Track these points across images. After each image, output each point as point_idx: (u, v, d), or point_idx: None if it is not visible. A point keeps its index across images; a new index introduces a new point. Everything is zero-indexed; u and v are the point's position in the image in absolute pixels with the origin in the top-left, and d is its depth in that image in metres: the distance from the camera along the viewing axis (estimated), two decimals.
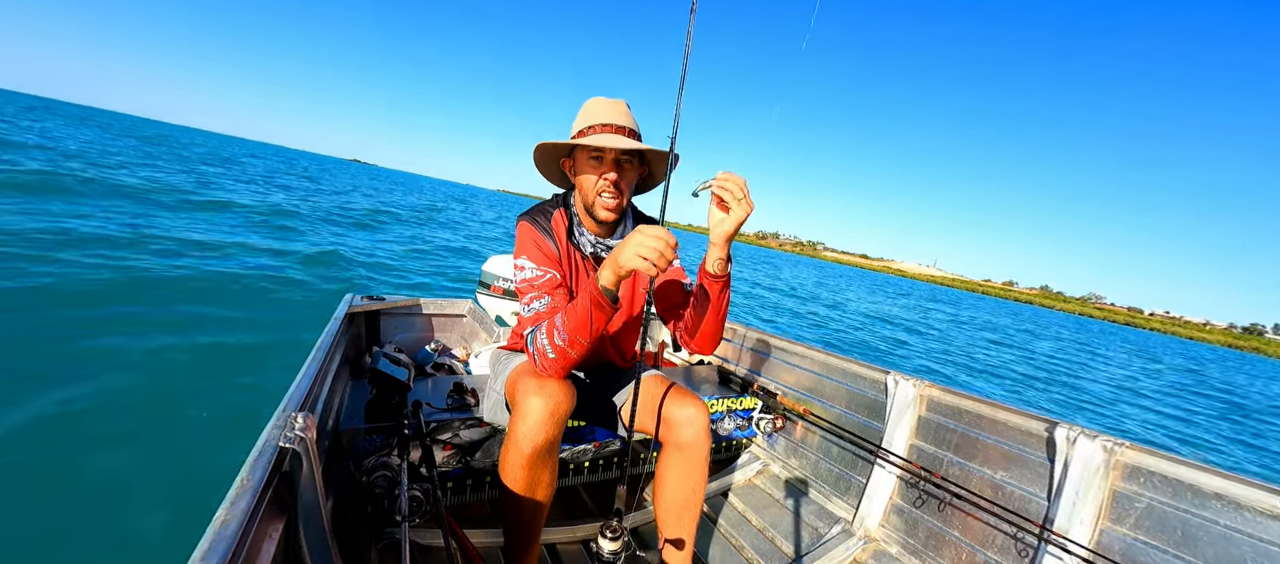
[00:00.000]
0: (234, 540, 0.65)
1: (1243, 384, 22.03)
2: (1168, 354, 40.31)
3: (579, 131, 1.31)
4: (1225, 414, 11.93)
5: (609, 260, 1.10)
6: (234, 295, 5.45)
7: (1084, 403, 10.01)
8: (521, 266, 1.34)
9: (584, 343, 1.16)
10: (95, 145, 21.35)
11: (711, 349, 1.39)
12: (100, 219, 7.54)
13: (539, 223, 1.38)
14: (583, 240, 1.41)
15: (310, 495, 0.95)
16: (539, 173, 1.49)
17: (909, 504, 1.85)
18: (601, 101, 1.33)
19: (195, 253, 6.78)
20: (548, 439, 1.16)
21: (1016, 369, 12.82)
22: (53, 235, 6.05)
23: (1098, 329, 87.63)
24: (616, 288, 1.12)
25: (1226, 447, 8.33)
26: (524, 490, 1.20)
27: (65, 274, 4.79)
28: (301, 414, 0.94)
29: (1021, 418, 1.63)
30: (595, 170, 1.30)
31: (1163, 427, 9.01)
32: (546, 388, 1.17)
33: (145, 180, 12.82)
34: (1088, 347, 28.14)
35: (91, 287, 4.69)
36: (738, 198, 1.07)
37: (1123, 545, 1.36)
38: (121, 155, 19.04)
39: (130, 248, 6.28)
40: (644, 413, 1.42)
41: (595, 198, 1.32)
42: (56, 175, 10.20)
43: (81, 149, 18.12)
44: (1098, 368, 17.24)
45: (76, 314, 4.07)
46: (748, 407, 2.34)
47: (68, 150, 16.71)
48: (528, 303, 1.30)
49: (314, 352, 1.42)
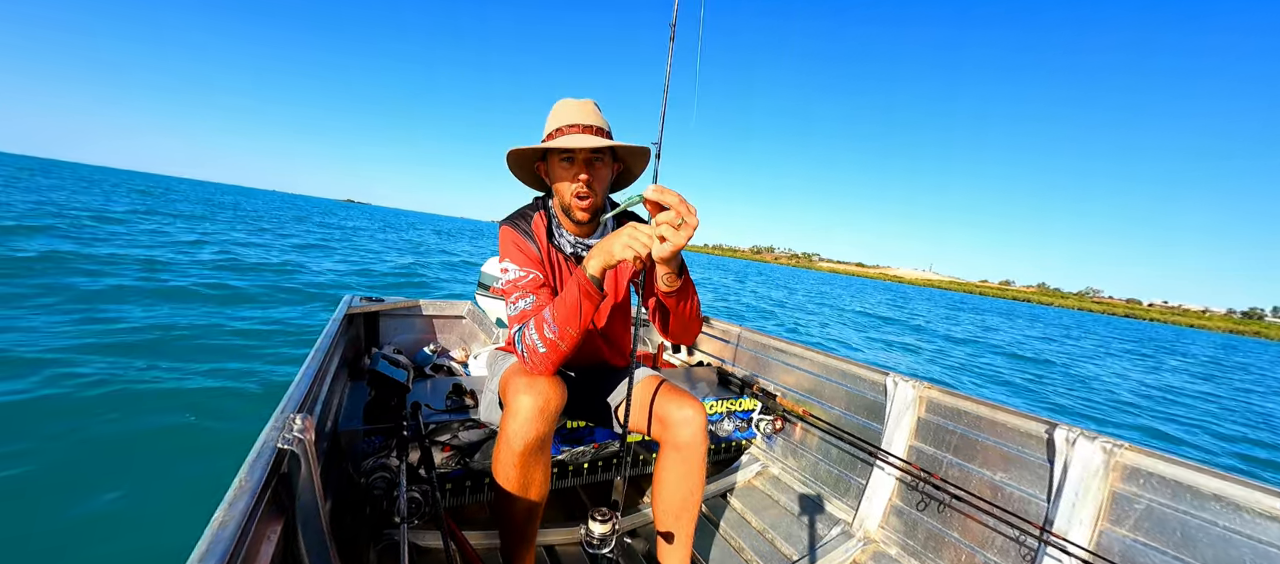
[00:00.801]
0: (232, 542, 0.65)
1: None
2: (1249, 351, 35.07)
3: (548, 135, 1.33)
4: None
5: (599, 249, 1.12)
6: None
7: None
8: (506, 270, 1.36)
9: (573, 334, 1.18)
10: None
11: (691, 340, 1.43)
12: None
13: (520, 226, 1.40)
14: (563, 241, 1.44)
15: (309, 497, 0.94)
16: (512, 174, 1.48)
17: (908, 506, 1.85)
18: (569, 103, 1.34)
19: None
20: (538, 436, 1.17)
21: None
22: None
23: (1108, 324, 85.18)
24: (603, 277, 1.14)
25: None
26: (517, 488, 1.21)
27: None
28: (300, 415, 0.94)
29: (1021, 419, 1.63)
30: (567, 172, 1.31)
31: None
32: (536, 385, 1.18)
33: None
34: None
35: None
36: (674, 225, 0.99)
37: (1122, 547, 1.36)
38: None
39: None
40: (642, 413, 1.43)
41: (572, 199, 1.33)
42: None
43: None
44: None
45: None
46: (747, 408, 2.34)
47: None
48: (513, 302, 1.32)
49: (313, 353, 1.41)
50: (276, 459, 0.85)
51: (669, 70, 1.16)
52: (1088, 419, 7.49)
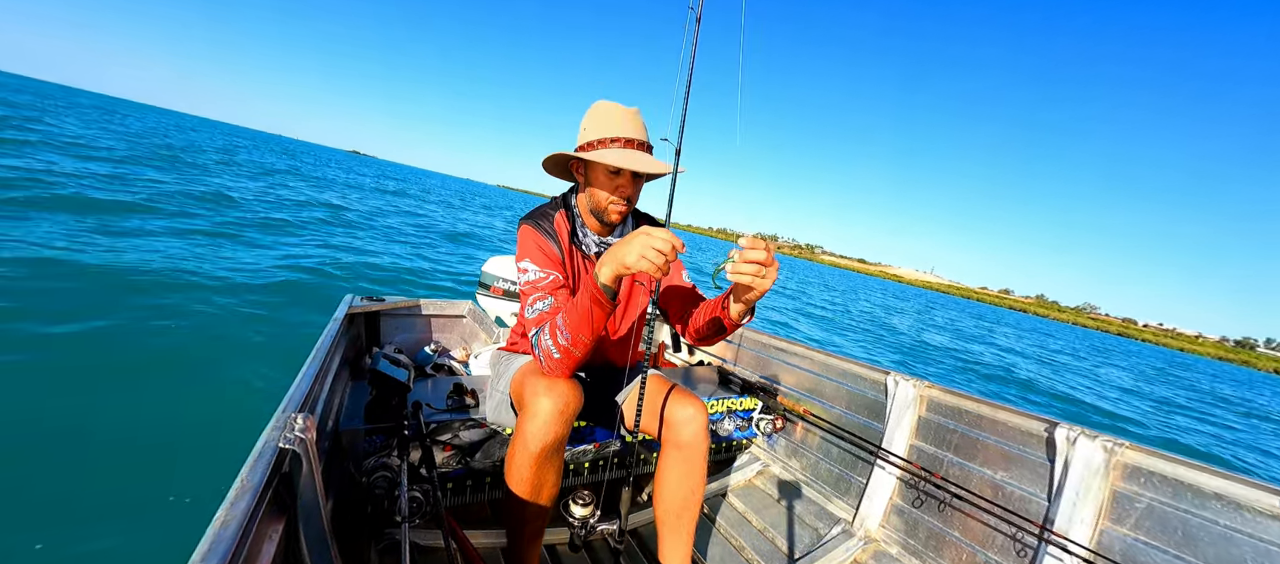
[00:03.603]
0: (234, 541, 0.65)
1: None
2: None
3: (595, 141, 1.32)
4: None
5: (609, 257, 1.10)
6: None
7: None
8: (525, 270, 1.36)
9: (586, 341, 1.17)
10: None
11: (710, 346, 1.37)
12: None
13: (541, 226, 1.40)
14: (587, 241, 1.44)
15: (310, 496, 0.95)
16: (543, 168, 1.50)
17: (909, 505, 1.85)
18: (617, 110, 1.33)
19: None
20: (556, 438, 1.17)
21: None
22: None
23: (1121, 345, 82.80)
24: (616, 286, 1.12)
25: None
26: (530, 490, 1.20)
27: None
28: (301, 415, 0.94)
29: (1021, 418, 1.63)
30: (610, 183, 1.33)
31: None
32: (556, 388, 1.18)
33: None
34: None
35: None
36: (762, 275, 1.05)
37: (1123, 546, 1.36)
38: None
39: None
40: (644, 413, 1.43)
41: (608, 205, 1.35)
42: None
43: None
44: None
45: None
46: (748, 407, 2.34)
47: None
48: (532, 303, 1.31)
49: (314, 352, 1.42)
50: (278, 459, 0.85)
51: (694, 54, 1.10)
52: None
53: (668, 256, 1.03)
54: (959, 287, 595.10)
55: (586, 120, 1.35)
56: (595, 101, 1.38)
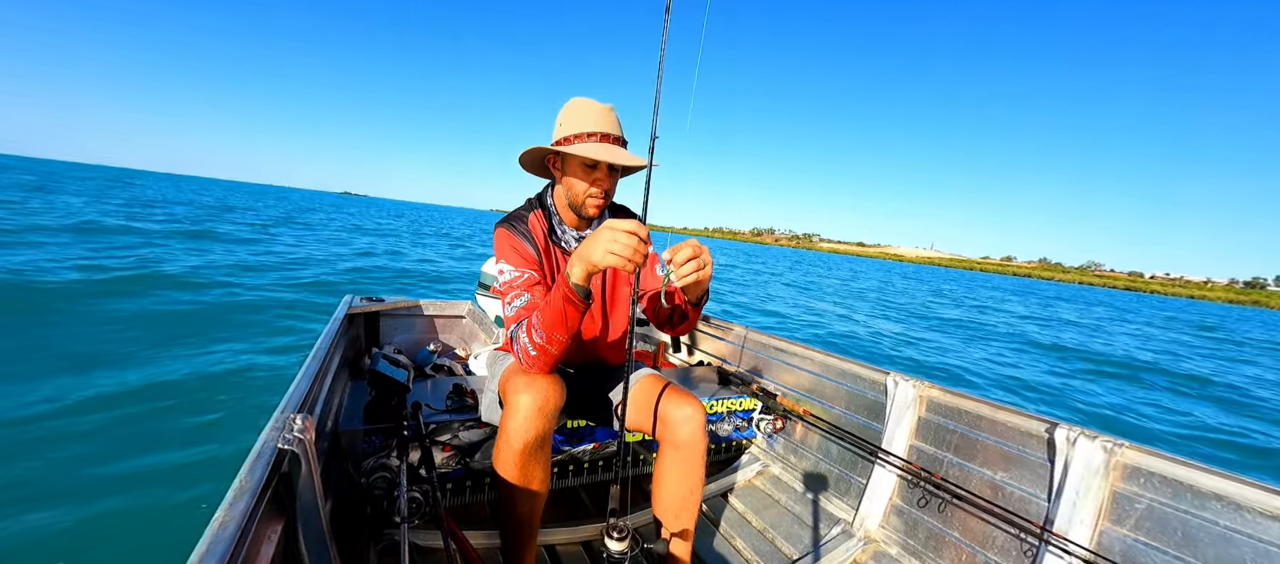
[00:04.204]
0: (232, 542, 0.65)
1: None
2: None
3: (572, 136, 1.33)
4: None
5: (578, 256, 1.10)
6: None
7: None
8: (502, 271, 1.38)
9: (562, 339, 1.18)
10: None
11: (687, 331, 1.45)
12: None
13: (516, 228, 1.42)
14: (567, 237, 1.46)
15: (309, 497, 0.95)
16: (520, 164, 1.52)
17: (909, 505, 1.85)
18: (592, 106, 1.34)
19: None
20: (538, 434, 1.18)
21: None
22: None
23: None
24: (587, 283, 1.13)
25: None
26: (518, 486, 1.21)
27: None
28: (300, 415, 0.94)
29: (1021, 418, 1.63)
30: (587, 177, 1.35)
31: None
32: (535, 384, 1.19)
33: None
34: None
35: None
36: (701, 267, 1.11)
37: (1123, 546, 1.36)
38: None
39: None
40: (642, 412, 1.43)
41: (585, 198, 1.37)
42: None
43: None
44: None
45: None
46: (747, 407, 2.34)
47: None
48: (509, 302, 1.33)
49: (313, 353, 1.42)
50: (277, 459, 0.85)
51: (664, 44, 1.12)
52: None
53: (637, 250, 1.02)
54: (961, 259, 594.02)
55: (562, 115, 1.36)
56: (571, 98, 1.40)
